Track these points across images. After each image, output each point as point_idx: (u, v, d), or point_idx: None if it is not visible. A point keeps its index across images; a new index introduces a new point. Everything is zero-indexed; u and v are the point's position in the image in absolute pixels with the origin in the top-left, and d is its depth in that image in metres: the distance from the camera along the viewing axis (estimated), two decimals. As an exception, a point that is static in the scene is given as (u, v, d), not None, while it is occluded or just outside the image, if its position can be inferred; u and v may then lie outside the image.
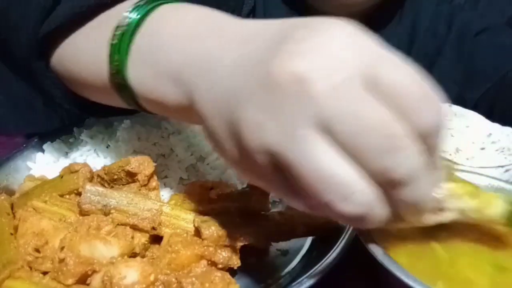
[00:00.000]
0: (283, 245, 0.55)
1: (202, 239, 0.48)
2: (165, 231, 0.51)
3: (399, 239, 0.47)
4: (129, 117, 0.75)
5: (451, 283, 0.42)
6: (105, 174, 0.60)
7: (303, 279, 0.45)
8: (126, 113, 0.67)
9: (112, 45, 0.46)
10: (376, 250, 0.41)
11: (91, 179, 0.58)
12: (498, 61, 0.89)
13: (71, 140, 0.73)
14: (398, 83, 0.28)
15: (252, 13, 0.93)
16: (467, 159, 0.73)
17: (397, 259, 0.41)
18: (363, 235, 0.43)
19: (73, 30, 0.52)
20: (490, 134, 0.78)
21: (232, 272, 0.48)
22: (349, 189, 0.28)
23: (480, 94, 0.87)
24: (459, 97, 0.88)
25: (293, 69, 0.28)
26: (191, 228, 0.51)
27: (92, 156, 0.68)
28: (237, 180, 0.65)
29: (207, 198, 0.56)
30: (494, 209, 0.44)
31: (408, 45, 0.95)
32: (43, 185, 0.58)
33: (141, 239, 0.50)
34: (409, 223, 0.39)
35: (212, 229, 0.48)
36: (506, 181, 0.57)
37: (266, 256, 0.54)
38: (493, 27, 0.92)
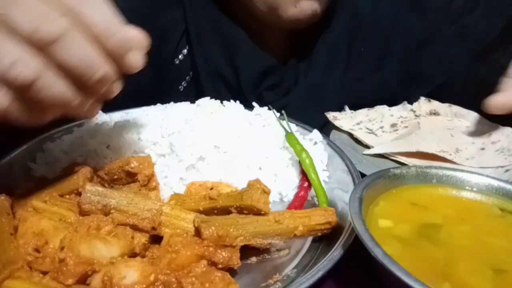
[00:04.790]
0: (283, 245, 0.55)
1: (202, 239, 0.48)
2: (165, 231, 0.51)
3: (398, 241, 0.48)
4: (130, 117, 0.75)
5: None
6: (105, 174, 0.60)
7: (303, 279, 0.45)
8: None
9: None
10: (376, 250, 0.41)
11: (91, 179, 0.59)
12: (441, 68, 0.98)
13: (71, 140, 0.73)
14: None
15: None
16: (467, 159, 0.73)
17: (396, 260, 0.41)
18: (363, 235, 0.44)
19: None
20: (490, 134, 0.78)
21: (232, 272, 0.48)
22: (12, 56, 0.39)
23: (422, 94, 0.94)
24: (403, 96, 0.95)
25: None
26: (191, 228, 0.51)
27: (92, 156, 0.68)
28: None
29: (207, 198, 0.56)
30: None
31: (349, 41, 0.97)
32: (43, 185, 0.58)
33: (141, 239, 0.50)
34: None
35: (212, 229, 0.48)
36: (506, 181, 0.57)
37: (266, 256, 0.54)
38: (437, 36, 1.00)
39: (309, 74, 0.95)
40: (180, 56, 0.95)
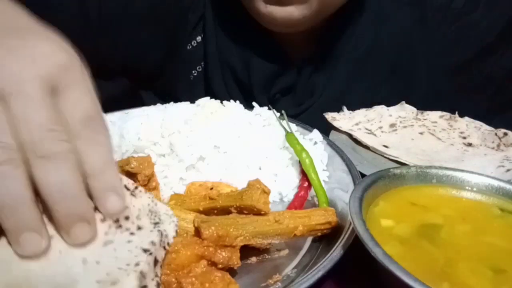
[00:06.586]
0: (283, 245, 0.55)
1: (202, 239, 0.48)
2: (165, 231, 0.51)
3: (398, 241, 0.48)
4: (130, 117, 0.75)
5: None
6: (105, 174, 0.60)
7: (303, 279, 0.45)
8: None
9: None
10: (376, 250, 0.41)
11: (91, 179, 0.58)
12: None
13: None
14: None
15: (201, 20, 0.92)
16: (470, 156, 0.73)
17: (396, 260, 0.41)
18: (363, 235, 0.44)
19: None
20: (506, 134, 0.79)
21: (232, 272, 0.48)
22: None
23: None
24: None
25: None
26: (191, 228, 0.51)
27: (92, 156, 0.68)
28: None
29: (207, 198, 0.56)
30: None
31: (372, 41, 0.94)
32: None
33: (141, 239, 0.49)
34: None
35: (212, 229, 0.48)
36: (506, 181, 0.57)
37: (266, 256, 0.54)
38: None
39: (327, 88, 0.92)
40: (193, 42, 0.94)
